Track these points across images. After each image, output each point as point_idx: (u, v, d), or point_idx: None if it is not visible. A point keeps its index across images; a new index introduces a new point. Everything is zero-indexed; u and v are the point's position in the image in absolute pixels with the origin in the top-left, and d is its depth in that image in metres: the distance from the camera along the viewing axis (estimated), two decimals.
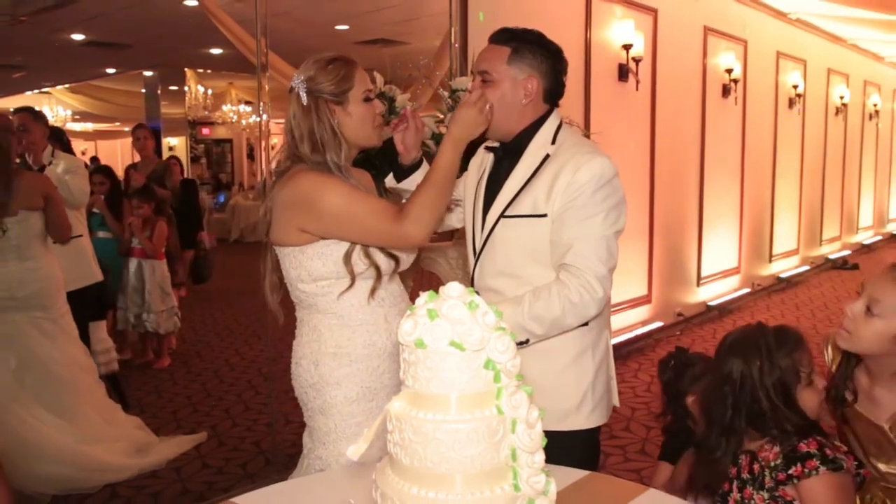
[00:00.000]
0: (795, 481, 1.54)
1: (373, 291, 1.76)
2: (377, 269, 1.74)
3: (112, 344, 4.26)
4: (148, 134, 5.56)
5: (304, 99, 1.74)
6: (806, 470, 1.53)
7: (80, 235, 3.79)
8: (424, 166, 1.97)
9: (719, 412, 1.64)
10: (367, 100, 1.79)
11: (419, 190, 1.70)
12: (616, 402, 1.97)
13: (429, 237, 1.70)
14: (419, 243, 1.71)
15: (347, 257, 1.71)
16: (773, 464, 1.58)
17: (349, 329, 1.76)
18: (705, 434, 1.69)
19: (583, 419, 1.83)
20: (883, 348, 1.58)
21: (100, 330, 4.19)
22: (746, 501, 1.62)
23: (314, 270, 1.72)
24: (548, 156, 1.79)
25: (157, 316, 4.85)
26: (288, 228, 1.72)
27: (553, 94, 1.85)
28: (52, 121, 5.82)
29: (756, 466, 1.62)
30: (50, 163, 3.75)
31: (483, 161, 1.98)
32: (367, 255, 1.73)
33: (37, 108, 4.03)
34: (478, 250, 1.88)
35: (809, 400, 1.62)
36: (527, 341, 1.71)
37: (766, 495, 1.59)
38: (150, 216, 4.88)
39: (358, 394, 1.76)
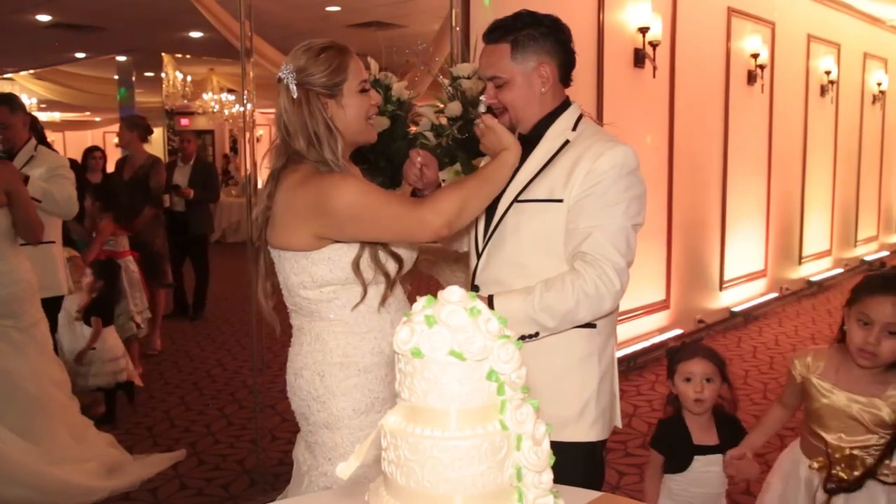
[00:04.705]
0: None
1: (383, 300, 1.79)
2: (387, 275, 1.78)
3: (124, 351, 4.30)
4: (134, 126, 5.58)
5: (294, 91, 1.75)
6: None
7: (53, 242, 3.68)
8: None
9: None
10: (363, 91, 1.81)
11: (454, 183, 1.76)
12: (618, 422, 1.99)
13: (447, 229, 1.70)
14: (436, 231, 1.69)
15: (356, 263, 1.73)
16: None
17: (356, 337, 1.78)
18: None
19: (584, 430, 1.85)
20: None
21: (109, 336, 4.22)
22: None
23: (319, 276, 1.74)
24: (567, 142, 1.85)
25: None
26: (300, 234, 1.73)
27: (567, 68, 1.91)
28: None
29: None
30: (31, 158, 3.58)
31: None
32: (376, 261, 1.76)
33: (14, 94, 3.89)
34: (485, 240, 1.91)
35: None
36: (536, 334, 1.74)
37: None
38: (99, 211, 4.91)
39: (367, 405, 1.79)
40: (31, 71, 10.90)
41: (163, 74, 10.42)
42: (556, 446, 1.14)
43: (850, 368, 2.02)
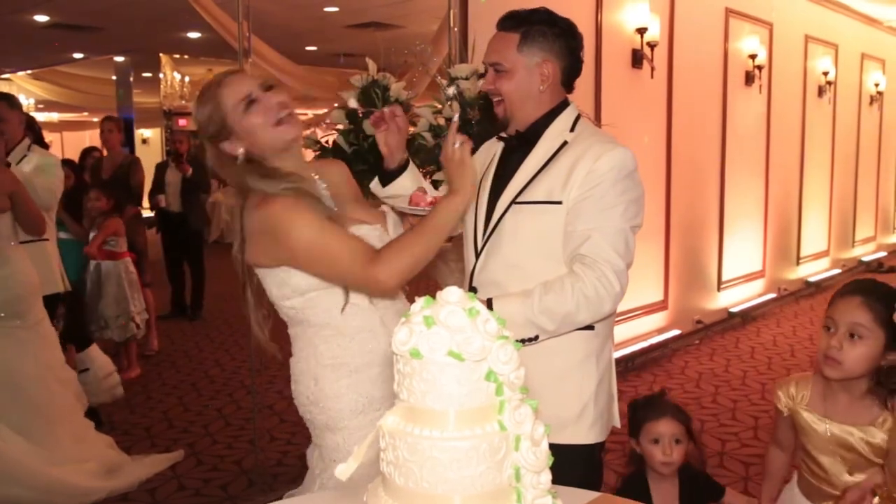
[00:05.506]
0: None
1: (371, 299, 1.79)
2: None
3: (114, 367, 4.27)
4: (114, 126, 5.62)
5: (209, 150, 1.78)
6: None
7: (47, 239, 3.68)
8: (411, 168, 1.99)
9: None
10: (249, 106, 1.74)
11: (405, 235, 1.72)
12: (617, 422, 1.99)
13: (398, 287, 1.71)
14: (386, 291, 1.71)
15: None
16: None
17: (346, 338, 1.78)
18: None
19: (583, 432, 1.85)
20: (866, 369, 1.80)
21: (97, 355, 4.19)
22: None
23: (297, 286, 1.75)
24: (565, 143, 1.84)
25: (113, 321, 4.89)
26: (262, 257, 1.75)
27: (571, 73, 1.90)
28: None
29: None
30: (24, 157, 3.62)
31: (489, 152, 2.02)
32: None
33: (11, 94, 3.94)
34: (482, 242, 1.91)
35: None
36: (536, 338, 1.74)
37: None
38: (107, 210, 4.91)
39: (363, 405, 1.79)
40: (29, 71, 10.89)
41: (161, 75, 10.41)
42: (555, 448, 1.14)
43: (837, 395, 1.86)
